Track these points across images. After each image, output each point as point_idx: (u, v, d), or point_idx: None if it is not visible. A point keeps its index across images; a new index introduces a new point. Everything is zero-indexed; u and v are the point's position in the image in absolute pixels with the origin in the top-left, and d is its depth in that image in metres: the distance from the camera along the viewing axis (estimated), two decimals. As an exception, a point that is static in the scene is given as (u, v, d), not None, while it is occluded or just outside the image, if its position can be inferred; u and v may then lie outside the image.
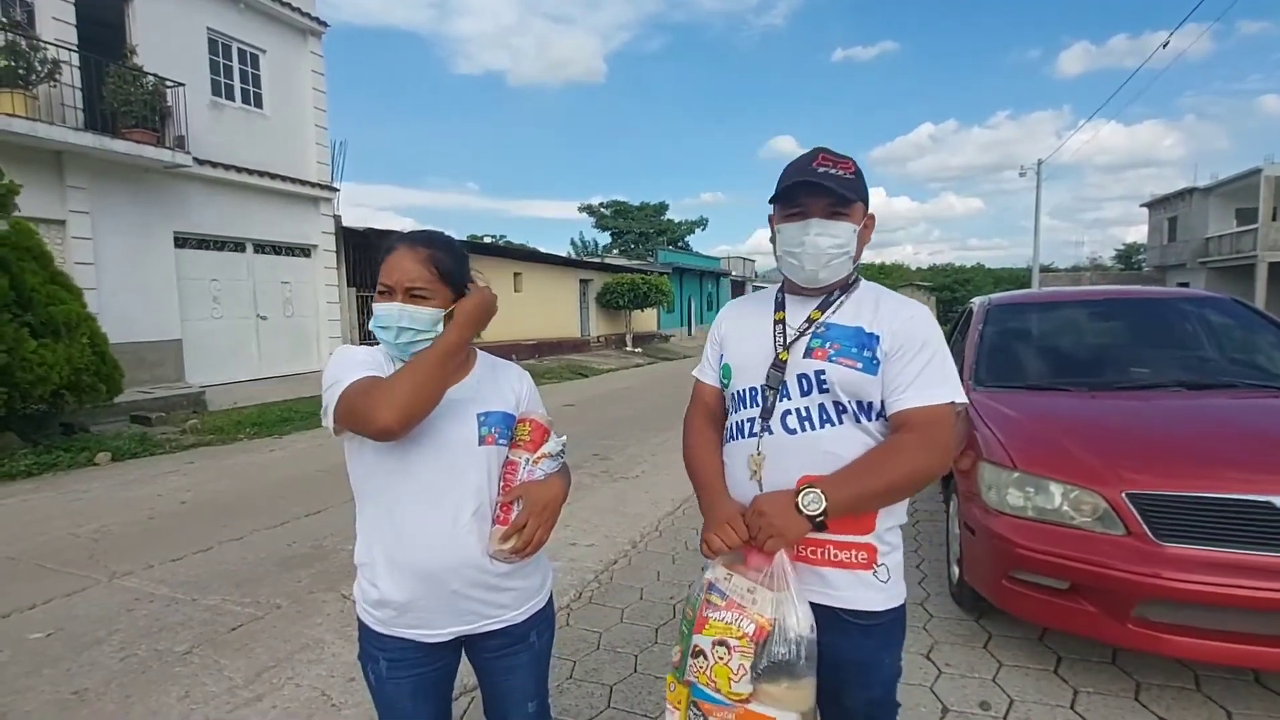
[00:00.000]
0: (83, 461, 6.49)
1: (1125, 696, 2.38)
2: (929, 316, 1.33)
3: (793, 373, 1.31)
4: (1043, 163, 27.01)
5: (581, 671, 2.65)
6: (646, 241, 39.71)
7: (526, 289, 19.04)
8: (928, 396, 1.25)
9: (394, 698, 1.34)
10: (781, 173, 1.36)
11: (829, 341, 1.31)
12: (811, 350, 1.31)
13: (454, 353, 1.24)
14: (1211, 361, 3.57)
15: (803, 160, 1.32)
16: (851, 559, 1.28)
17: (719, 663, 1.20)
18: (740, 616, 1.21)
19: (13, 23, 8.30)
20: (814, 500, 1.20)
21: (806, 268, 1.31)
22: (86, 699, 2.51)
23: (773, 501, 1.23)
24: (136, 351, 9.22)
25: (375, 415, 1.14)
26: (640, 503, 5.06)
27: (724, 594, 1.24)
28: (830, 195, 1.28)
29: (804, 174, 1.29)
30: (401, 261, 1.28)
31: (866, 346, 1.28)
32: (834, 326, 1.32)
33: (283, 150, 12.18)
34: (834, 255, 1.29)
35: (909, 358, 1.27)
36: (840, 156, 1.31)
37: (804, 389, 1.30)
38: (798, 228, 1.31)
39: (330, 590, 3.48)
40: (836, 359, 1.28)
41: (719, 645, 1.20)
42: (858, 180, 1.31)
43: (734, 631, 1.20)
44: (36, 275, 6.64)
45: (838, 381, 1.27)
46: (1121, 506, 2.31)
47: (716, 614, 1.23)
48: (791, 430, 1.29)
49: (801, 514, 1.20)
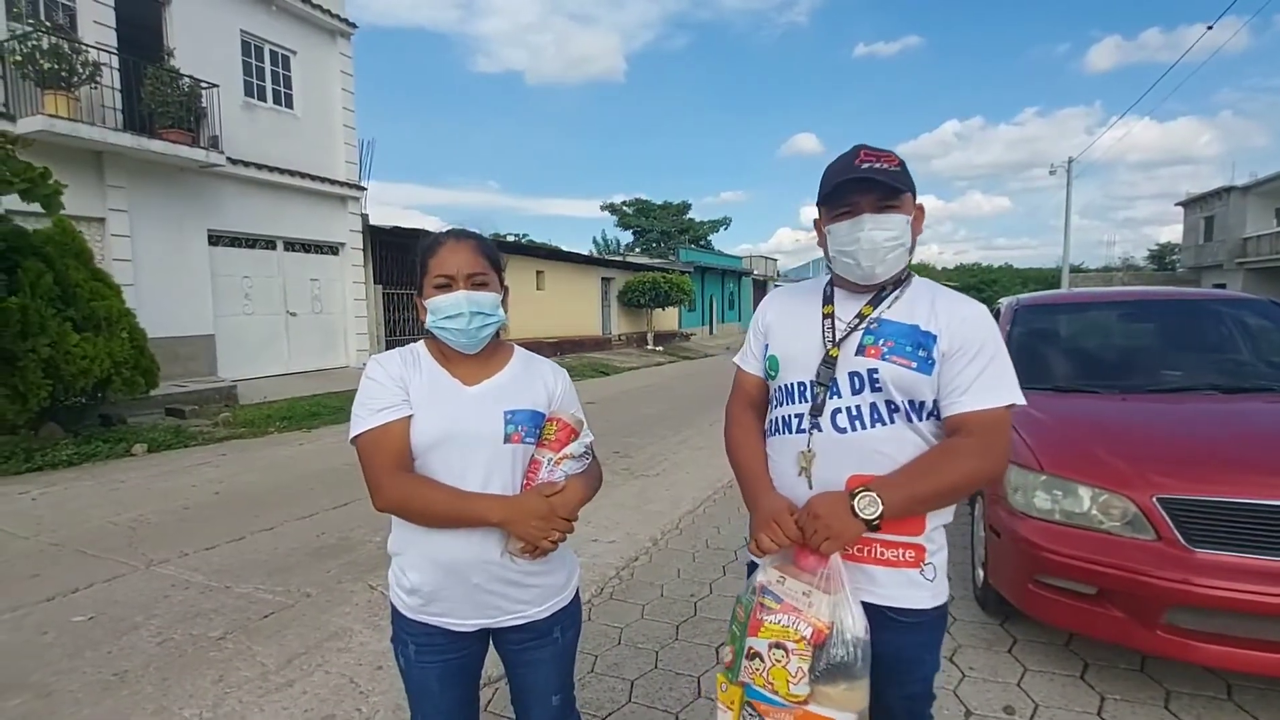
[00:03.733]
0: (120, 452, 6.70)
1: (1154, 704, 2.34)
2: (987, 316, 1.30)
3: (844, 370, 1.29)
4: (1073, 160, 26.45)
5: (603, 666, 2.68)
6: (669, 240, 39.66)
7: (549, 287, 19.16)
8: (987, 400, 1.23)
9: (422, 681, 1.38)
10: (823, 174, 1.34)
11: (882, 339, 1.28)
12: (864, 347, 1.28)
13: (475, 524, 1.27)
14: (1247, 365, 3.48)
15: (845, 159, 1.30)
16: (899, 557, 1.27)
17: (776, 665, 1.20)
18: (797, 620, 1.20)
19: (56, 26, 8.56)
20: (870, 504, 1.18)
21: (863, 265, 1.28)
22: (127, 680, 2.60)
23: (828, 504, 1.21)
24: (171, 346, 9.47)
25: (374, 495, 1.27)
26: (661, 500, 5.08)
27: (778, 597, 1.23)
28: (879, 189, 1.25)
29: (849, 172, 1.26)
30: (456, 254, 1.32)
31: (922, 346, 1.26)
32: (887, 323, 1.29)
33: (312, 150, 12.41)
34: (890, 249, 1.27)
35: (967, 359, 1.24)
36: (882, 151, 1.28)
37: (855, 387, 1.28)
38: (849, 225, 1.28)
39: (358, 581, 3.55)
40: (890, 357, 1.26)
41: (776, 648, 1.20)
42: (903, 171, 1.28)
43: (791, 635, 1.19)
44: (79, 271, 6.87)
45: (891, 380, 1.25)
46: (1152, 511, 2.28)
47: (772, 617, 1.22)
48: (841, 429, 1.28)
49: (857, 517, 1.18)
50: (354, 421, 1.30)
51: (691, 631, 2.96)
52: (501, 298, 1.38)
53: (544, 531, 1.26)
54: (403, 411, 1.29)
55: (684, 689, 2.50)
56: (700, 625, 3.02)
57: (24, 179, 5.45)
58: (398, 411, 1.29)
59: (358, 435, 1.29)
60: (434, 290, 1.32)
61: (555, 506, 1.28)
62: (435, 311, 1.32)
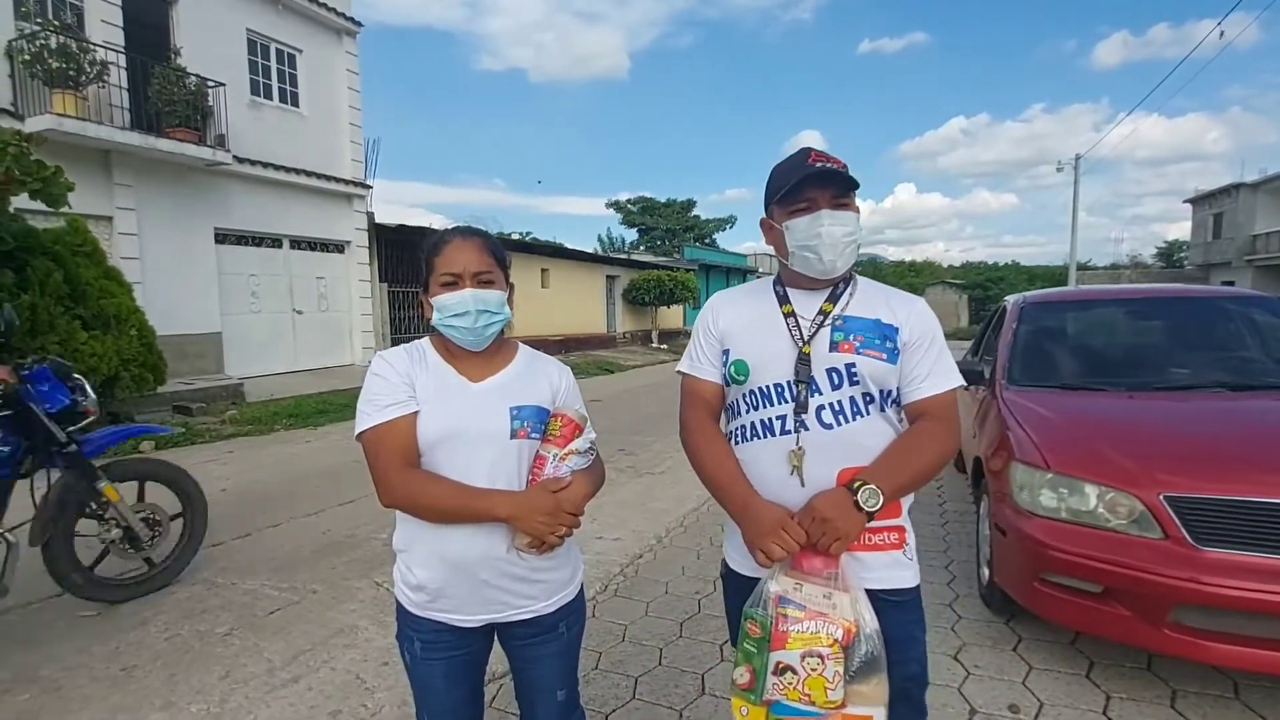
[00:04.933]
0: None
1: (1160, 703, 2.33)
2: (929, 310, 1.42)
3: (820, 367, 1.32)
4: (1081, 158, 26.32)
5: (607, 663, 2.68)
6: (673, 238, 39.65)
7: (553, 285, 19.17)
8: (943, 384, 1.34)
9: (428, 678, 1.39)
10: (773, 174, 1.40)
11: (852, 334, 1.33)
12: (836, 344, 1.33)
13: (483, 519, 1.27)
14: (1256, 362, 3.46)
15: (795, 159, 1.37)
16: (885, 541, 1.32)
17: (812, 674, 1.18)
18: (827, 624, 1.19)
19: (64, 26, 8.61)
20: (872, 495, 1.21)
21: (825, 258, 1.32)
22: (134, 675, 2.62)
23: (832, 504, 1.22)
24: (178, 344, 9.51)
25: (381, 491, 1.29)
26: (666, 498, 5.08)
27: (800, 605, 1.21)
28: (835, 185, 1.32)
29: (805, 169, 1.32)
30: (463, 252, 1.33)
31: (888, 337, 1.33)
32: (851, 319, 1.35)
33: (318, 148, 12.44)
34: (847, 244, 1.33)
35: (924, 349, 1.34)
36: (828, 154, 1.34)
37: (835, 383, 1.32)
38: (809, 220, 1.32)
39: (363, 577, 3.57)
40: (864, 351, 1.31)
41: (810, 657, 1.18)
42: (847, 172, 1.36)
43: (824, 640, 1.18)
44: (90, 270, 6.92)
45: (868, 373, 1.31)
46: (1159, 509, 2.27)
47: (798, 626, 1.20)
48: (827, 425, 1.31)
49: (861, 510, 1.21)
50: (360, 418, 1.31)
51: (695, 629, 2.96)
52: (507, 295, 1.38)
53: (551, 526, 1.27)
54: (409, 408, 1.30)
55: (688, 686, 2.51)
56: (704, 622, 3.02)
57: (37, 177, 5.49)
58: (404, 408, 1.29)
59: (364, 431, 1.30)
60: (440, 288, 1.33)
61: (561, 502, 1.28)
62: (441, 309, 1.32)
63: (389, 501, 1.29)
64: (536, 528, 1.26)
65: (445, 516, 1.28)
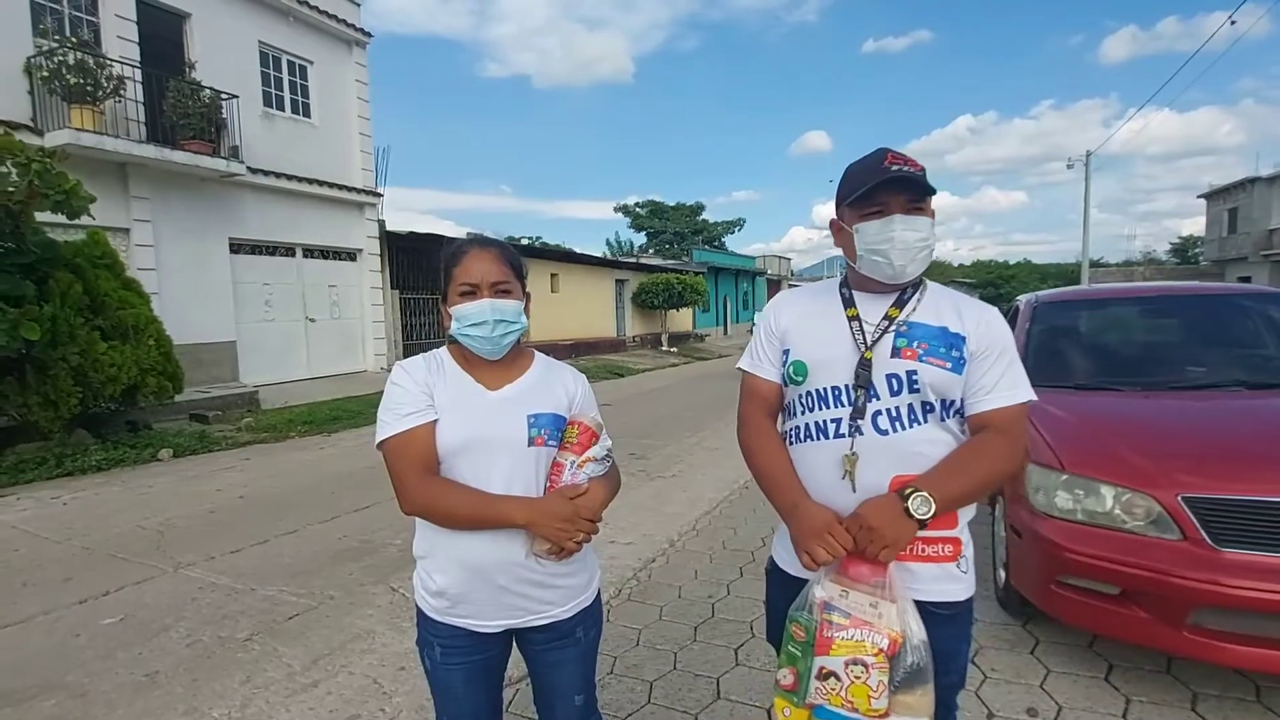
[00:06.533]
0: (147, 458, 6.83)
1: (1181, 707, 2.31)
2: (1003, 319, 1.37)
3: (880, 372, 1.30)
4: (1091, 154, 26.07)
5: (622, 667, 2.69)
6: (682, 241, 39.65)
7: (563, 289, 19.23)
8: (1011, 397, 1.30)
9: (447, 682, 1.40)
10: (847, 174, 1.36)
11: (916, 341, 1.30)
12: (899, 350, 1.30)
13: (501, 526, 1.29)
14: (1274, 360, 3.42)
15: (871, 160, 1.32)
16: (938, 552, 1.30)
17: (856, 682, 1.18)
18: (871, 633, 1.19)
19: (81, 42, 8.76)
20: (923, 503, 1.19)
21: (896, 263, 1.29)
22: (158, 681, 2.66)
23: (881, 512, 1.20)
24: (194, 353, 9.63)
25: (401, 499, 1.31)
26: (678, 502, 5.08)
27: (846, 612, 1.21)
28: (910, 190, 1.28)
29: (881, 173, 1.28)
30: (481, 261, 1.35)
31: (955, 347, 1.30)
32: (917, 325, 1.32)
33: (329, 158, 12.58)
34: (920, 249, 1.30)
35: (992, 360, 1.31)
36: (906, 155, 1.31)
37: (894, 389, 1.29)
38: (880, 225, 1.29)
39: (380, 583, 3.60)
40: (927, 359, 1.28)
41: (854, 664, 1.18)
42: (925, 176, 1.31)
43: (869, 649, 1.18)
44: (109, 281, 7.04)
45: (930, 382, 1.28)
46: (1177, 510, 2.25)
47: (843, 633, 1.20)
48: (883, 431, 1.29)
49: (911, 518, 1.19)
50: (380, 427, 1.33)
51: (710, 633, 2.96)
52: (524, 305, 1.40)
53: (569, 533, 1.28)
54: (428, 416, 1.32)
55: (703, 690, 2.51)
56: (719, 626, 3.02)
57: (60, 191, 5.59)
58: (423, 416, 1.31)
59: (384, 440, 1.32)
60: (459, 297, 1.35)
61: (579, 508, 1.30)
62: (460, 319, 1.34)
63: (409, 509, 1.31)
64: (554, 534, 1.28)
65: (464, 523, 1.30)
